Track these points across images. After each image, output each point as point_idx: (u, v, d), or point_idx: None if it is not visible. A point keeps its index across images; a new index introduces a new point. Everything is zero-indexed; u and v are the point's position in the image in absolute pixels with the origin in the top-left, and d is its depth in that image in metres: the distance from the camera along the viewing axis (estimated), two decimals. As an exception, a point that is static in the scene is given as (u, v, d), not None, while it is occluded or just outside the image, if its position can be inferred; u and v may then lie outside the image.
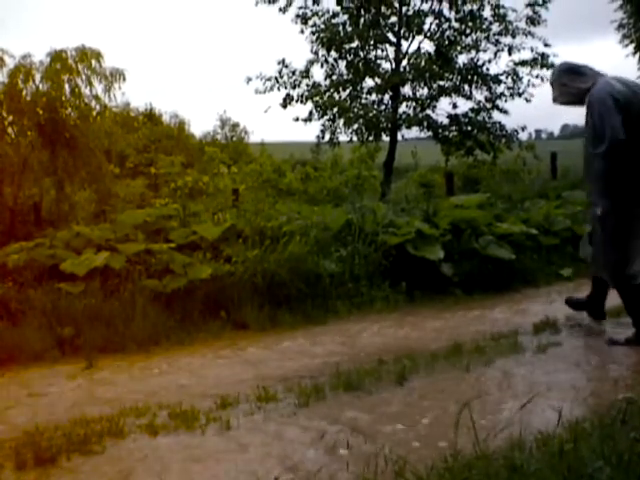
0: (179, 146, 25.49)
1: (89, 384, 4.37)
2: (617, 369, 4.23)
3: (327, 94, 14.56)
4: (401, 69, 14.61)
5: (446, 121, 14.66)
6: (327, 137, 14.87)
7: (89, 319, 5.30)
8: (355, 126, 14.39)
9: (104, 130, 9.49)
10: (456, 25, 14.56)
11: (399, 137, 14.83)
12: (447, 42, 14.44)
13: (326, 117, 14.57)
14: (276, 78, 14.52)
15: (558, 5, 14.76)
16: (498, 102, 14.51)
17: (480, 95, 14.58)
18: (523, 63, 14.44)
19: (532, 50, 14.38)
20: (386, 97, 14.77)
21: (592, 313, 5.45)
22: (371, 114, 14.39)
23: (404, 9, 14.53)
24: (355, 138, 14.73)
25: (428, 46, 14.65)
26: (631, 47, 19.87)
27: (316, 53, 14.63)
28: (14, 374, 4.60)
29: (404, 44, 14.71)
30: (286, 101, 14.59)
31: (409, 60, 14.68)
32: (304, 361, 4.74)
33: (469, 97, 14.57)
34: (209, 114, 66.96)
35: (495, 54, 14.58)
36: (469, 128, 14.51)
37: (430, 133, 14.57)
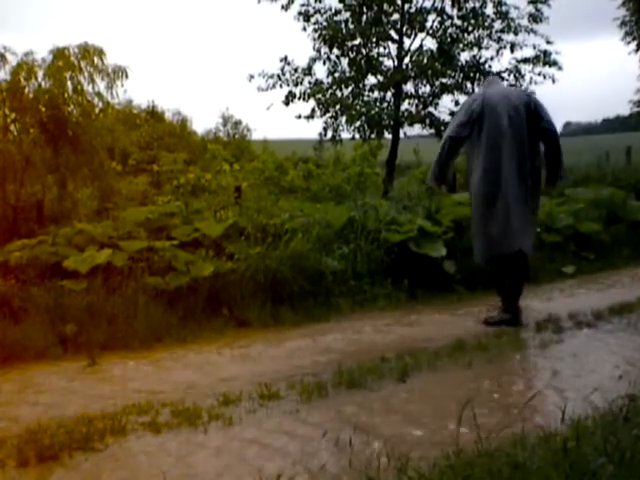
0: (181, 143, 25.39)
1: (91, 381, 4.37)
2: (620, 366, 4.23)
3: (329, 91, 14.53)
4: (403, 66, 14.58)
5: (448, 118, 14.60)
6: (329, 134, 14.85)
7: (91, 316, 5.30)
8: (357, 123, 14.37)
9: (106, 127, 9.44)
10: (458, 22, 14.52)
11: (401, 134, 14.80)
12: (449, 39, 14.41)
13: (328, 114, 14.56)
14: (278, 75, 14.50)
15: (560, 2, 14.73)
16: (500, 99, 14.49)
17: (482, 92, 14.54)
18: (525, 60, 14.40)
19: (534, 47, 14.32)
20: (388, 94, 14.74)
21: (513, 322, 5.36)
22: (373, 111, 14.37)
23: (406, 6, 14.50)
24: (357, 135, 14.70)
25: (430, 43, 14.62)
26: (633, 44, 19.86)
27: (318, 50, 14.60)
28: (16, 371, 4.60)
29: (406, 41, 14.69)
30: (288, 98, 14.56)
31: (411, 57, 14.65)
32: (306, 358, 4.74)
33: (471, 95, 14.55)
34: (211, 111, 66.91)
35: (497, 51, 14.54)
36: (471, 126, 14.47)
37: (432, 130, 14.53)
